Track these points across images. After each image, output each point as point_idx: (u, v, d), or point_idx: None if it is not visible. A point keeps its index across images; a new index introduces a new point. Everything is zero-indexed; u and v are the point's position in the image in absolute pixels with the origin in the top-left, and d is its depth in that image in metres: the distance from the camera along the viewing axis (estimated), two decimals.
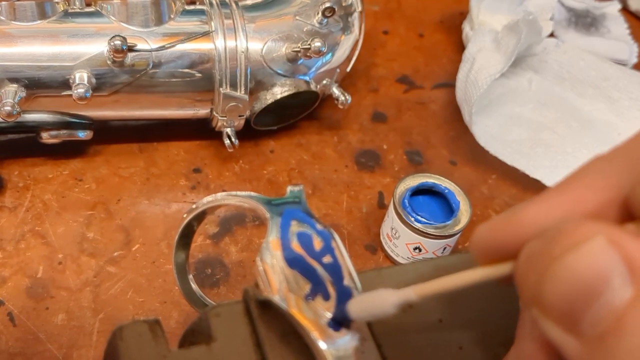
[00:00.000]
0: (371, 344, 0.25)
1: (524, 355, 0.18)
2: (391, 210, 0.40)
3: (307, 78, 0.45)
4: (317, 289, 0.23)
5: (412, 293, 0.20)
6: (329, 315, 0.23)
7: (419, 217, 0.39)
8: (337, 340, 0.23)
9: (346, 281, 0.24)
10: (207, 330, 0.24)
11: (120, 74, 0.41)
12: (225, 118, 0.44)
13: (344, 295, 0.23)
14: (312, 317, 0.23)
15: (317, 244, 0.24)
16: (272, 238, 0.24)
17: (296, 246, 0.24)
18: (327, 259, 0.24)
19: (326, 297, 0.23)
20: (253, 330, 0.24)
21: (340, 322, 0.23)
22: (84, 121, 0.43)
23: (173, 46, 0.41)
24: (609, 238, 0.15)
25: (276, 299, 0.23)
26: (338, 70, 0.47)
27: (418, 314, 0.26)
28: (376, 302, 0.21)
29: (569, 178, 0.19)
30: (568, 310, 0.15)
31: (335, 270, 0.24)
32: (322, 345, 0.22)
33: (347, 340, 0.23)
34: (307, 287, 0.23)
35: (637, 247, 0.15)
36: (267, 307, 0.24)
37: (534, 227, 0.18)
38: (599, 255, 0.15)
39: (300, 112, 0.48)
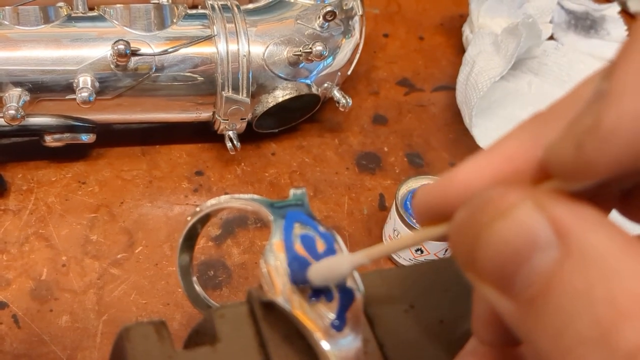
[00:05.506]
0: (373, 344, 0.25)
1: (474, 316, 0.19)
2: (393, 212, 0.41)
3: (308, 81, 0.45)
4: (321, 290, 0.23)
5: (363, 256, 0.21)
6: (332, 316, 0.23)
7: None
8: (339, 340, 0.23)
9: (349, 282, 0.24)
10: (211, 331, 0.24)
11: (123, 78, 0.41)
12: (227, 121, 0.44)
13: (347, 296, 0.24)
14: (315, 318, 0.23)
15: (320, 246, 0.25)
16: (276, 240, 0.25)
17: (299, 248, 0.24)
18: None
19: (329, 298, 0.23)
20: (257, 331, 0.24)
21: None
22: (87, 124, 0.43)
23: (176, 50, 0.41)
24: (535, 203, 0.15)
25: (280, 300, 0.23)
26: (339, 73, 0.48)
27: (420, 315, 0.26)
28: (333, 266, 0.23)
29: (504, 136, 0.18)
30: (501, 276, 0.15)
31: None
32: (325, 345, 0.22)
33: (349, 341, 0.23)
34: (310, 289, 0.23)
35: (561, 209, 0.15)
36: (271, 308, 0.24)
37: (466, 188, 0.17)
38: (526, 221, 0.15)
39: (302, 115, 0.49)
